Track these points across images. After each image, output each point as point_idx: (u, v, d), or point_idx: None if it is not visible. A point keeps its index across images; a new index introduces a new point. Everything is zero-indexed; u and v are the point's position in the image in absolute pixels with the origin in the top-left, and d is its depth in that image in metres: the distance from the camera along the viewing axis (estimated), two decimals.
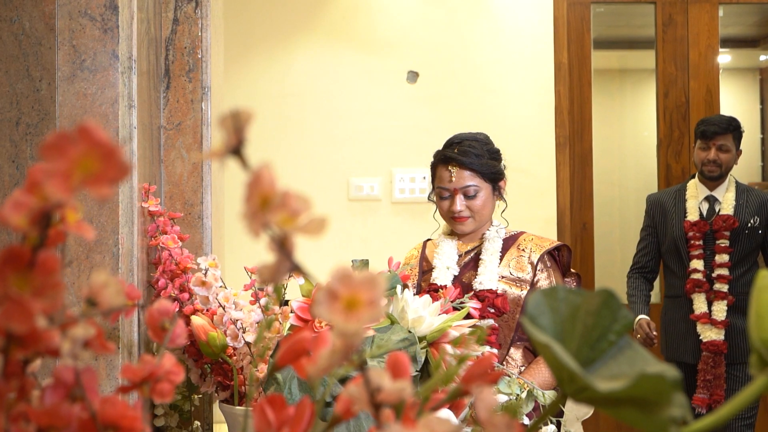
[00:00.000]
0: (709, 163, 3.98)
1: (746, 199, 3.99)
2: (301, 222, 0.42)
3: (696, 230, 3.96)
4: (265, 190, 0.41)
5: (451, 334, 1.69)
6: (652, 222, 4.15)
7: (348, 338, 0.46)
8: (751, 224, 3.96)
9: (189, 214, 2.08)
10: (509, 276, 2.33)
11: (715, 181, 4.01)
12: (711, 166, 3.98)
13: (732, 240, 3.94)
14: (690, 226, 3.98)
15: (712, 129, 3.99)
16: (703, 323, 3.93)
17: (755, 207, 3.98)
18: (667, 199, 4.13)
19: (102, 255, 1.59)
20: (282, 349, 0.67)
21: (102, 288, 0.56)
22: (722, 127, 3.99)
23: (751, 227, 3.96)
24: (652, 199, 4.19)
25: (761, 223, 3.98)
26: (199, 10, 2.08)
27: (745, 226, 3.95)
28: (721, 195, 4.03)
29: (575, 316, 0.63)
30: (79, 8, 1.60)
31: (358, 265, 1.80)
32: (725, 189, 4.04)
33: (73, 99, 1.59)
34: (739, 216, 3.97)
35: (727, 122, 4.01)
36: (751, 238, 3.96)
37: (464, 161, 2.32)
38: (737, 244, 3.95)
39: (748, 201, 3.99)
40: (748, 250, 3.97)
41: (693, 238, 3.97)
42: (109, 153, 0.40)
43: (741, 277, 3.95)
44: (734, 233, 3.94)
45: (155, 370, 0.65)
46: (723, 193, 4.03)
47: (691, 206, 4.02)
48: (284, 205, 0.41)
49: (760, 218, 3.98)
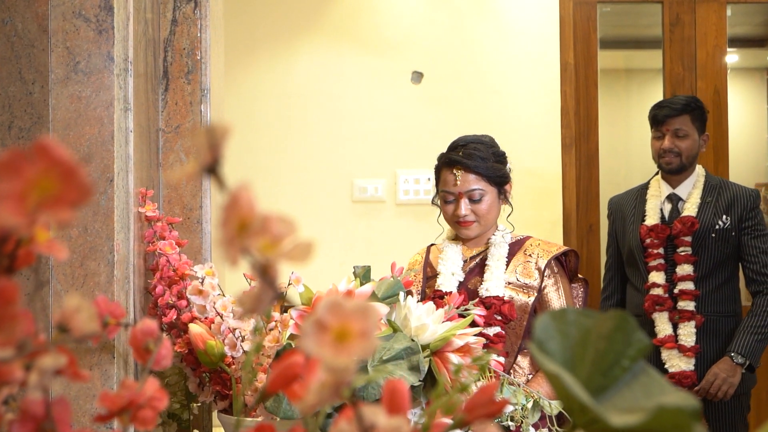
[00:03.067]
0: (666, 153, 3.33)
1: (716, 196, 3.32)
2: (285, 247, 0.38)
3: (654, 236, 3.30)
4: (243, 213, 0.36)
5: (456, 343, 1.65)
6: (613, 229, 3.56)
7: (338, 374, 0.42)
8: (720, 226, 3.28)
9: (188, 219, 2.04)
10: (516, 282, 2.29)
11: (677, 174, 3.36)
12: (668, 156, 3.33)
13: (696, 247, 3.27)
14: (647, 231, 3.32)
15: (663, 112, 3.37)
16: (668, 349, 3.24)
17: (726, 204, 3.31)
18: (627, 201, 3.51)
19: (96, 262, 1.55)
20: (273, 374, 0.63)
21: (74, 313, 0.52)
22: (676, 109, 3.35)
23: (721, 229, 3.28)
24: (613, 201, 3.62)
25: (734, 224, 3.29)
26: (198, 11, 2.04)
27: (710, 228, 3.28)
28: (685, 192, 3.36)
29: (586, 341, 0.59)
30: (73, 9, 1.56)
31: (360, 271, 1.76)
32: (692, 184, 3.37)
33: (67, 102, 1.55)
34: (703, 216, 3.29)
35: (683, 103, 3.37)
36: (722, 243, 3.28)
37: (469, 164, 2.28)
38: (704, 252, 3.27)
39: (718, 198, 3.32)
40: (720, 258, 3.29)
41: (651, 245, 3.30)
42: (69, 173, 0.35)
43: (714, 292, 3.28)
44: (697, 238, 3.27)
45: (136, 398, 0.61)
46: (689, 190, 3.36)
47: (651, 207, 3.37)
48: (265, 230, 0.37)
49: (732, 218, 3.29)
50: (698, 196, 3.31)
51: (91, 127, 1.55)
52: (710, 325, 3.26)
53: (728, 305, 3.33)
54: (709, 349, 3.25)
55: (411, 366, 1.63)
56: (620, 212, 3.49)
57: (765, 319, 3.23)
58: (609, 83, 5.95)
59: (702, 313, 3.25)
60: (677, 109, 3.34)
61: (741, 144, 5.43)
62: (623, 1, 4.98)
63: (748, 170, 5.60)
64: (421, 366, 1.63)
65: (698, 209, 3.29)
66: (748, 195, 3.33)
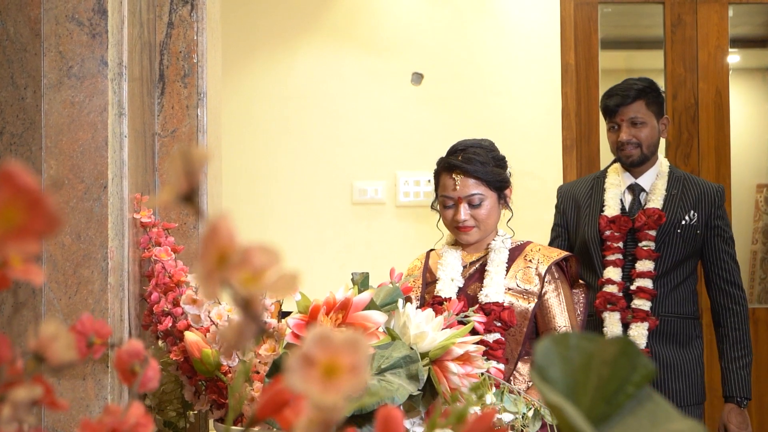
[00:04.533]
0: (625, 146, 3.03)
1: (682, 189, 3.05)
2: (268, 280, 0.35)
3: (615, 228, 3.01)
4: (222, 244, 0.34)
5: (455, 352, 1.62)
6: (563, 219, 3.24)
7: (326, 412, 0.39)
8: (687, 222, 3.01)
9: (184, 224, 2.01)
10: (516, 288, 2.26)
11: (639, 166, 3.08)
12: (627, 148, 3.03)
13: (660, 242, 3.00)
14: (607, 223, 3.01)
15: (614, 101, 3.07)
16: None
17: (693, 199, 3.03)
18: (581, 189, 3.21)
19: (90, 270, 1.52)
20: (262, 400, 0.61)
21: (50, 341, 0.49)
22: (628, 96, 3.04)
23: (686, 226, 3.01)
24: (564, 190, 3.32)
25: (700, 221, 3.02)
26: (194, 13, 2.01)
27: (676, 223, 3.00)
28: (648, 183, 3.07)
29: (589, 366, 0.56)
30: (66, 13, 1.53)
31: (358, 278, 1.73)
32: (654, 175, 3.08)
33: (60, 107, 1.52)
34: (670, 210, 3.02)
35: (635, 87, 3.06)
36: (686, 240, 3.01)
37: (469, 169, 2.25)
38: (667, 248, 3.00)
39: (684, 192, 3.05)
40: (682, 256, 3.02)
41: (610, 238, 3.00)
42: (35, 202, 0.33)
43: (671, 292, 3.03)
44: (662, 233, 3.00)
45: (119, 425, 0.59)
46: (652, 181, 3.07)
47: (611, 197, 3.06)
48: (246, 262, 0.34)
49: (699, 214, 3.02)
50: (663, 188, 3.03)
51: (84, 132, 1.53)
52: (664, 326, 3.01)
53: (686, 306, 3.08)
54: (661, 351, 3.00)
55: (410, 375, 1.60)
56: (573, 201, 3.19)
57: (745, 345, 3.04)
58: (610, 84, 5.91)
59: (657, 314, 2.99)
60: (630, 95, 3.04)
61: (742, 144, 5.40)
62: (624, 2, 4.95)
63: (749, 171, 5.58)
64: (420, 375, 1.60)
65: (664, 202, 3.02)
66: (715, 191, 3.06)
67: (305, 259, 4.31)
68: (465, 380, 1.62)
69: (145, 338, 1.81)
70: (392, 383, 1.59)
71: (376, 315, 1.55)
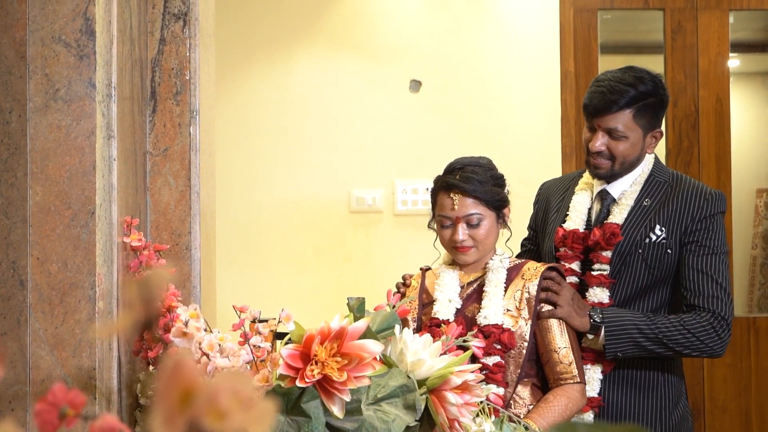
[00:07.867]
0: (594, 156, 2.40)
1: (660, 199, 2.42)
2: (238, 418, 0.31)
3: (570, 243, 2.42)
4: (185, 382, 0.30)
5: (454, 381, 1.58)
6: (534, 221, 2.73)
7: None
8: (651, 240, 2.36)
9: (176, 245, 1.97)
10: (516, 308, 2.22)
11: (607, 180, 2.47)
12: (597, 159, 2.40)
13: (620, 265, 2.38)
14: (561, 238, 2.44)
15: (594, 103, 2.38)
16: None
17: (671, 210, 2.38)
18: (556, 190, 2.64)
19: (77, 299, 1.48)
20: None
21: None
22: (614, 102, 2.34)
23: (650, 244, 2.36)
24: (544, 188, 2.74)
25: (673, 238, 2.37)
26: (187, 30, 1.97)
27: (638, 242, 2.37)
28: (618, 191, 2.45)
29: None
30: (52, 34, 1.49)
31: (354, 303, 1.69)
32: (630, 181, 2.45)
33: (46, 131, 1.48)
34: (633, 225, 2.40)
35: (627, 96, 2.35)
36: (651, 263, 2.36)
37: (467, 188, 2.21)
38: (627, 272, 2.38)
39: (664, 201, 2.41)
40: (646, 282, 2.38)
41: (563, 257, 2.43)
42: None
43: None
44: (620, 253, 2.37)
45: None
46: (624, 188, 2.45)
47: (577, 205, 2.49)
48: (214, 398, 0.30)
49: (673, 228, 2.37)
50: (633, 198, 2.42)
51: (71, 157, 1.49)
52: (626, 371, 2.38)
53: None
54: (621, 401, 2.37)
55: (407, 405, 1.56)
56: (546, 203, 2.65)
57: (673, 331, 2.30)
58: None
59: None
60: (617, 103, 2.35)
61: (742, 149, 5.36)
62: (624, 8, 4.91)
63: (749, 175, 5.54)
64: (417, 405, 1.56)
65: (629, 214, 2.40)
66: (705, 198, 2.39)
67: (303, 267, 4.27)
68: (464, 410, 1.58)
69: (135, 364, 1.77)
70: (389, 414, 1.54)
71: (372, 344, 1.51)
